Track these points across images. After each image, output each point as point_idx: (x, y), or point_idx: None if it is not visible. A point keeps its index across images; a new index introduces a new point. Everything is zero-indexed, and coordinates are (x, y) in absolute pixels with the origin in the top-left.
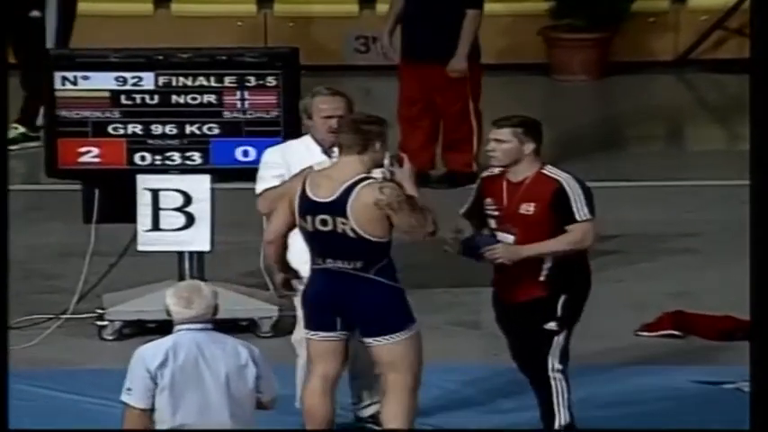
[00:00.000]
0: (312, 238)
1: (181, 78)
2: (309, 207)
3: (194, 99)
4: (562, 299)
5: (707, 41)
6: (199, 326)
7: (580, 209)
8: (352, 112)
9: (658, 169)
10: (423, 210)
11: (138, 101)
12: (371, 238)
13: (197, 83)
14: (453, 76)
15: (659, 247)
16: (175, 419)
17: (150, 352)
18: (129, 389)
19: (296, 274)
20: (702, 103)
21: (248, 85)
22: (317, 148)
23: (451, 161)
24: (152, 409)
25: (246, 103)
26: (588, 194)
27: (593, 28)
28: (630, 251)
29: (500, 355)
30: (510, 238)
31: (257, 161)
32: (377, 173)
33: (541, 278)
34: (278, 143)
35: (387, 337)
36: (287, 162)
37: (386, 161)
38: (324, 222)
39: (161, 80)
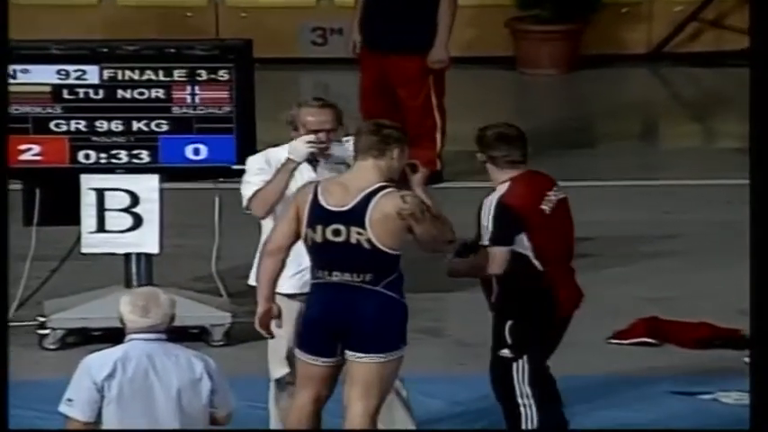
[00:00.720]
0: (320, 250)
1: (127, 72)
2: (321, 216)
3: (141, 94)
4: (507, 325)
5: (682, 34)
6: (152, 336)
7: (485, 233)
8: (341, 124)
9: (632, 168)
10: (440, 218)
11: (82, 96)
12: (387, 250)
13: (144, 77)
14: (435, 67)
15: (633, 249)
16: None
17: (97, 362)
18: (69, 399)
19: (278, 312)
20: (677, 98)
21: (199, 79)
22: None
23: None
24: (96, 422)
25: (197, 98)
26: (502, 222)
27: (562, 19)
28: (602, 254)
29: (465, 364)
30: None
31: (208, 159)
32: None
33: (493, 299)
34: (230, 140)
35: (376, 355)
36: (272, 167)
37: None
38: (336, 232)
39: (106, 74)
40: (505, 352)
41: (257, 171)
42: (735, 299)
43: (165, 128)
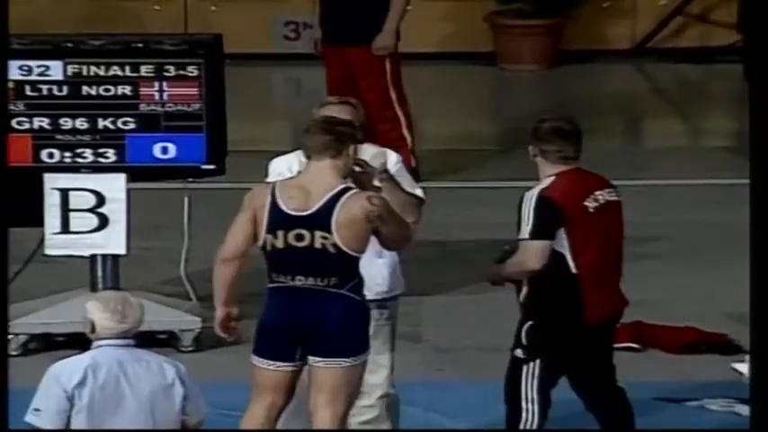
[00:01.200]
0: (280, 255)
1: (92, 67)
2: (282, 221)
3: (107, 90)
4: (527, 325)
5: (666, 28)
6: (121, 342)
7: (523, 227)
8: (362, 124)
9: (615, 167)
10: (401, 217)
11: (45, 92)
12: (352, 254)
13: (110, 72)
14: (379, 54)
15: None
16: None
17: (67, 369)
18: (37, 409)
19: (239, 314)
20: (662, 94)
21: (167, 74)
22: None
23: None
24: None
25: (165, 94)
26: (542, 214)
27: (543, 13)
28: None
29: (443, 370)
30: None
31: (177, 158)
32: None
33: (521, 299)
34: (200, 139)
35: (342, 360)
36: (293, 173)
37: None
38: (299, 237)
39: (70, 69)
40: (518, 352)
41: (277, 176)
42: (722, 302)
43: (131, 126)
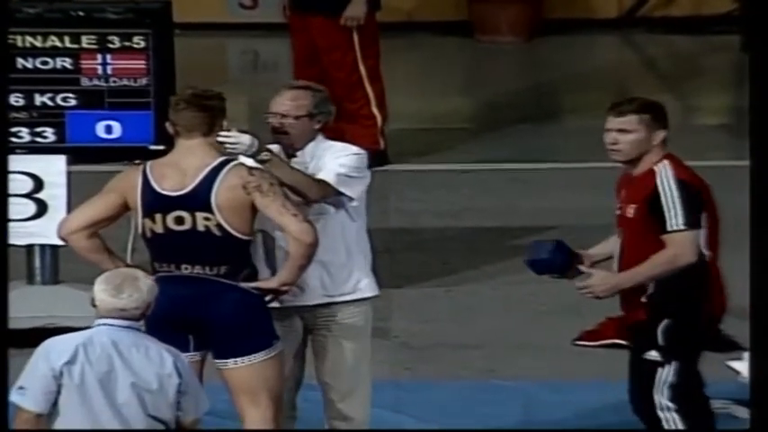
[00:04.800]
0: (161, 241)
1: (28, 38)
2: (157, 202)
3: (45, 63)
4: (663, 324)
5: None
6: (122, 323)
7: (673, 217)
8: (313, 113)
9: (599, 148)
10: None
11: None
12: (239, 236)
13: (48, 44)
14: (350, 25)
15: (600, 240)
16: (80, 426)
17: (58, 347)
18: (21, 387)
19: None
20: (652, 68)
21: (111, 46)
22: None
23: (354, 138)
24: (49, 414)
25: (109, 68)
26: (689, 200)
27: None
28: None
29: (413, 368)
30: (617, 245)
31: (122, 138)
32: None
33: (643, 299)
34: (147, 117)
35: (247, 357)
36: None
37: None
38: (179, 220)
39: None
40: (654, 354)
41: None
42: None
43: (72, 102)
